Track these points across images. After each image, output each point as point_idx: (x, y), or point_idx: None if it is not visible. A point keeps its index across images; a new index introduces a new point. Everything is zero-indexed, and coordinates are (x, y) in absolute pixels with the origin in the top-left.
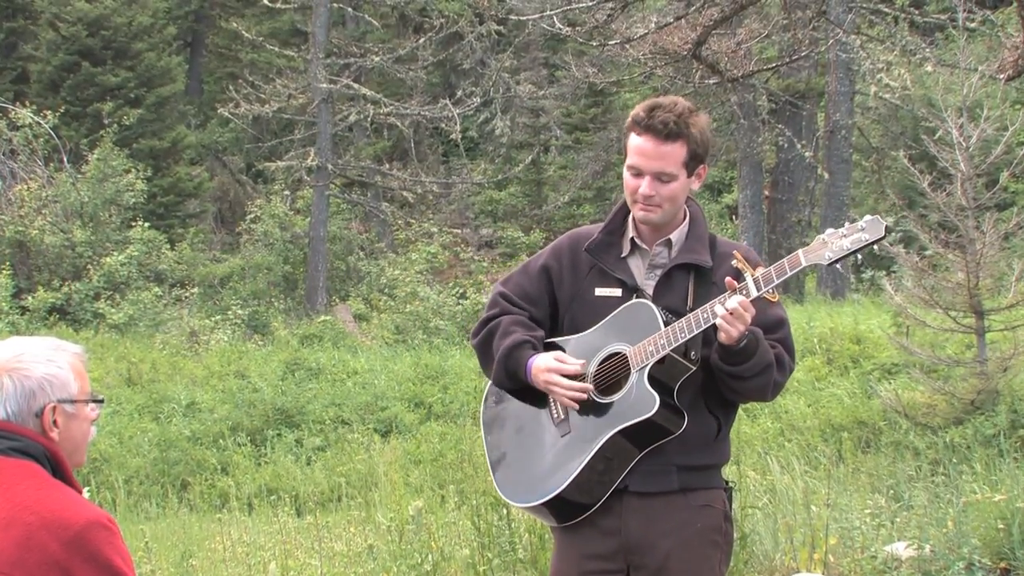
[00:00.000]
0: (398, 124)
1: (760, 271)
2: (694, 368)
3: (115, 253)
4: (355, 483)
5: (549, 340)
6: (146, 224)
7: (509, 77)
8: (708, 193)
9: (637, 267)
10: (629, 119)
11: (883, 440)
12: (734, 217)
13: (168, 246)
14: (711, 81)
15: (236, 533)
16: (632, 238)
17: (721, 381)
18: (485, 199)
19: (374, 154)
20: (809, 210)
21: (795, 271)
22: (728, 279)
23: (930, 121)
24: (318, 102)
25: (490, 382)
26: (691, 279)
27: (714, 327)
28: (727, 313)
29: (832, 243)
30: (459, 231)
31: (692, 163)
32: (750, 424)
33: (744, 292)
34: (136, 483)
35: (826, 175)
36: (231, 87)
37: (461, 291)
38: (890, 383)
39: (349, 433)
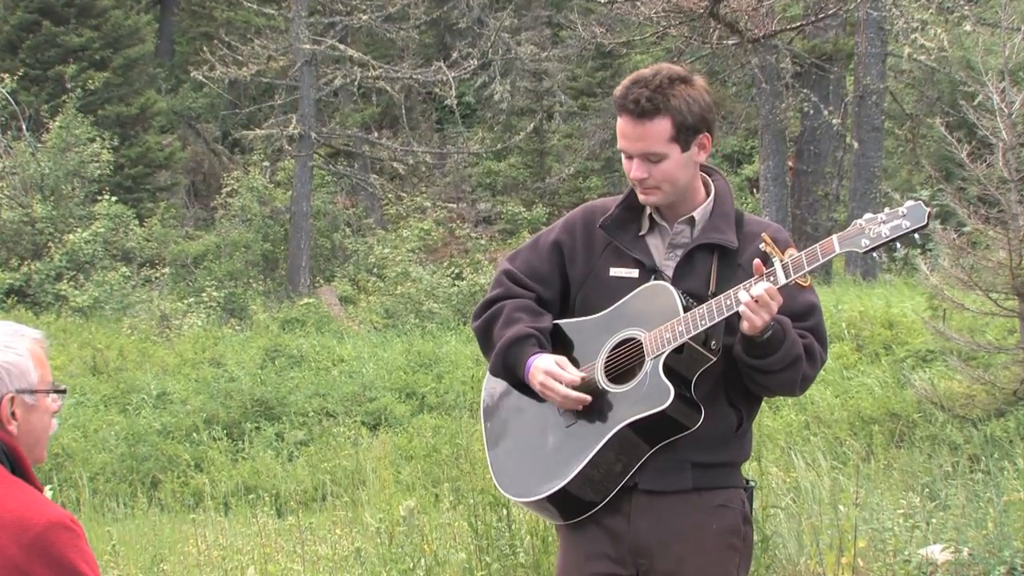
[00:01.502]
0: (388, 89)
1: (790, 255)
2: (714, 359)
3: (79, 230)
4: (341, 481)
5: (558, 321)
6: (112, 198)
7: (509, 37)
8: (727, 164)
9: (656, 246)
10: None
11: (917, 434)
12: (755, 190)
13: (136, 222)
14: (730, 42)
15: (211, 535)
16: (651, 215)
17: (745, 374)
18: (483, 171)
19: (362, 121)
20: (837, 183)
21: (828, 258)
22: (756, 262)
23: (969, 85)
24: (300, 64)
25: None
26: (714, 261)
27: (737, 315)
28: (751, 300)
29: (869, 229)
30: (455, 206)
31: (684, 136)
32: (772, 417)
33: (772, 278)
34: (102, 481)
35: (855, 144)
36: (205, 48)
37: (457, 271)
38: (925, 371)
39: (334, 426)
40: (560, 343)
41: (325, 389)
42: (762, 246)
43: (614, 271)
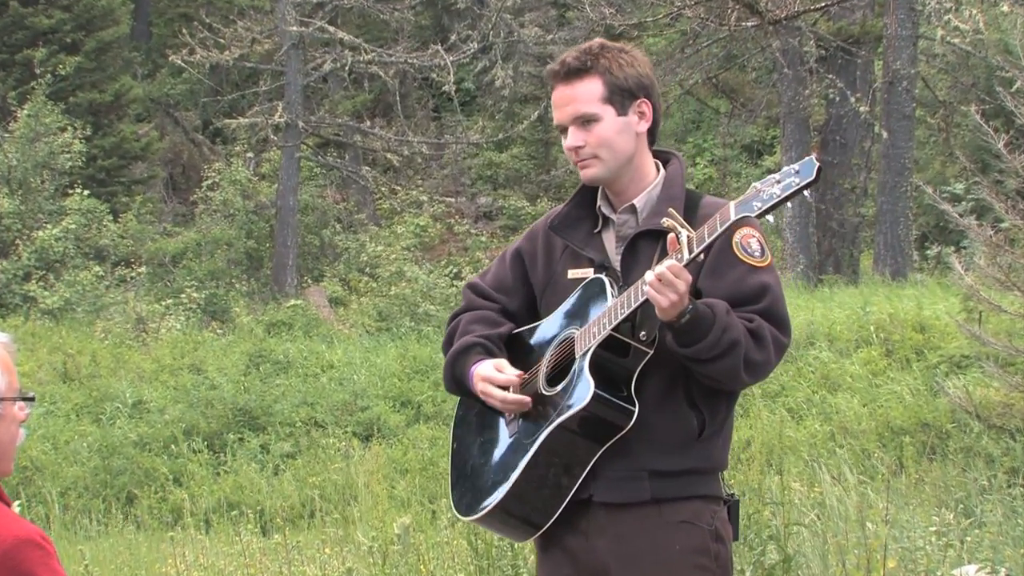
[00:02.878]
0: (381, 74)
1: (706, 232)
2: (650, 351)
3: (48, 226)
4: (331, 496)
5: (518, 330)
6: (85, 192)
7: (512, 18)
8: (746, 155)
9: (609, 241)
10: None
11: (951, 445)
12: None
13: (111, 218)
14: (749, 23)
15: (191, 555)
16: (599, 208)
17: (688, 365)
18: (483, 162)
19: (353, 109)
20: (865, 175)
21: (727, 226)
22: (670, 239)
23: (1006, 70)
24: (287, 48)
25: None
26: (659, 248)
27: None
28: (654, 280)
29: (763, 191)
30: (453, 200)
31: (618, 98)
32: (794, 427)
33: (678, 256)
34: (73, 496)
35: (884, 134)
36: (184, 30)
37: (455, 270)
38: (959, 378)
39: (324, 437)
40: (517, 351)
41: (313, 397)
42: (664, 221)
43: (571, 273)
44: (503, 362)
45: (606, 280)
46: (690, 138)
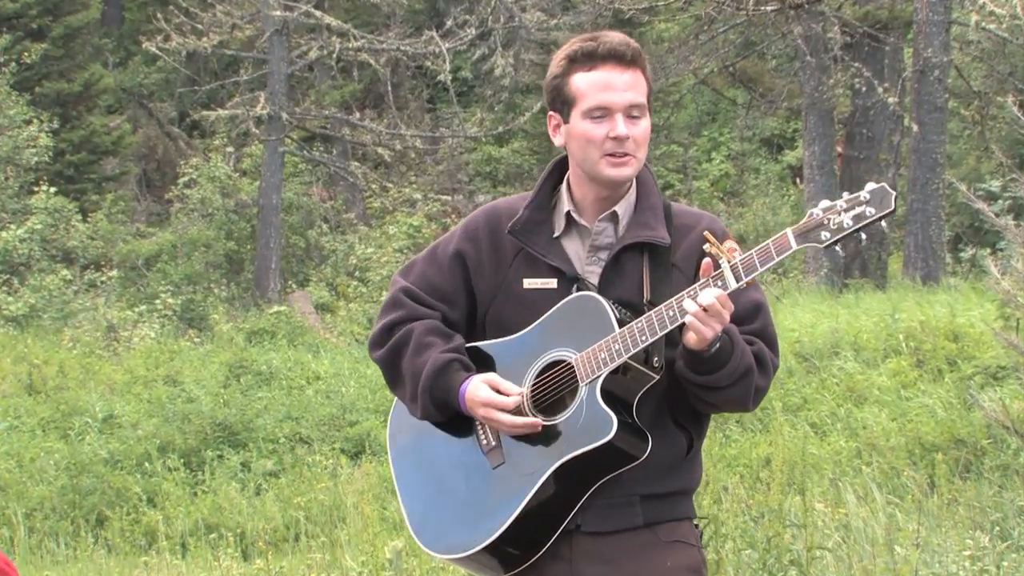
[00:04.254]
0: (371, 62)
1: (738, 255)
2: (657, 378)
3: (12, 226)
4: (317, 518)
5: (471, 344)
6: (52, 189)
7: (512, 2)
8: (765, 149)
9: (575, 250)
10: (563, 60)
11: (987, 463)
12: (798, 180)
13: (79, 217)
14: (769, 8)
15: None
16: (568, 212)
17: (689, 392)
18: (482, 157)
19: (341, 100)
20: (893, 171)
21: (784, 256)
22: (706, 263)
23: None
24: (270, 34)
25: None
26: (645, 262)
27: (681, 326)
28: (700, 310)
29: (829, 220)
30: (449, 198)
31: (649, 101)
32: (818, 443)
33: (720, 282)
34: (40, 517)
35: (914, 127)
36: (159, 15)
37: None
38: (996, 391)
39: (309, 454)
40: (479, 369)
41: (298, 411)
42: (707, 246)
43: (528, 282)
44: (495, 378)
45: (605, 301)
46: (705, 131)
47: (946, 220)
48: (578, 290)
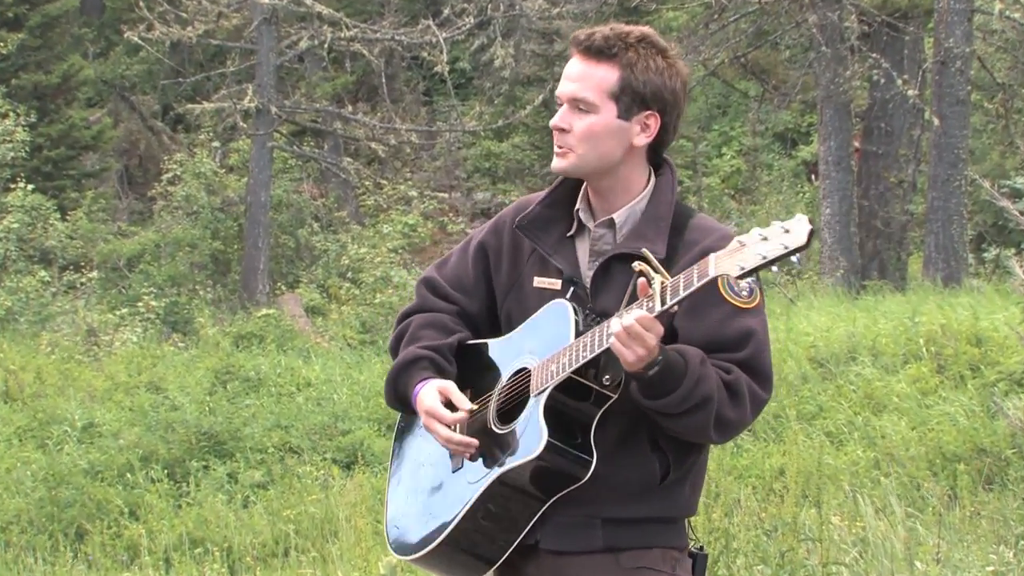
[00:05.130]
0: (365, 52)
1: (679, 279)
2: (613, 397)
3: None
4: (307, 532)
5: (473, 342)
6: (29, 186)
7: None
8: (779, 145)
9: (583, 251)
10: None
11: (1011, 474)
12: (813, 177)
13: (58, 216)
14: None
15: None
16: (577, 211)
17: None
18: (481, 153)
19: (333, 93)
20: (913, 167)
21: (704, 281)
22: (642, 283)
23: None
24: (258, 23)
25: None
26: (634, 276)
27: None
28: (621, 331)
29: (750, 247)
30: (446, 195)
31: (626, 99)
32: (834, 453)
33: (648, 305)
34: (16, 531)
35: (935, 121)
36: (141, 3)
37: None
38: (1021, 398)
39: (299, 465)
40: (473, 366)
41: (288, 420)
42: (636, 265)
43: (538, 281)
44: (449, 387)
45: (569, 308)
46: (715, 125)
47: (968, 219)
48: (573, 293)
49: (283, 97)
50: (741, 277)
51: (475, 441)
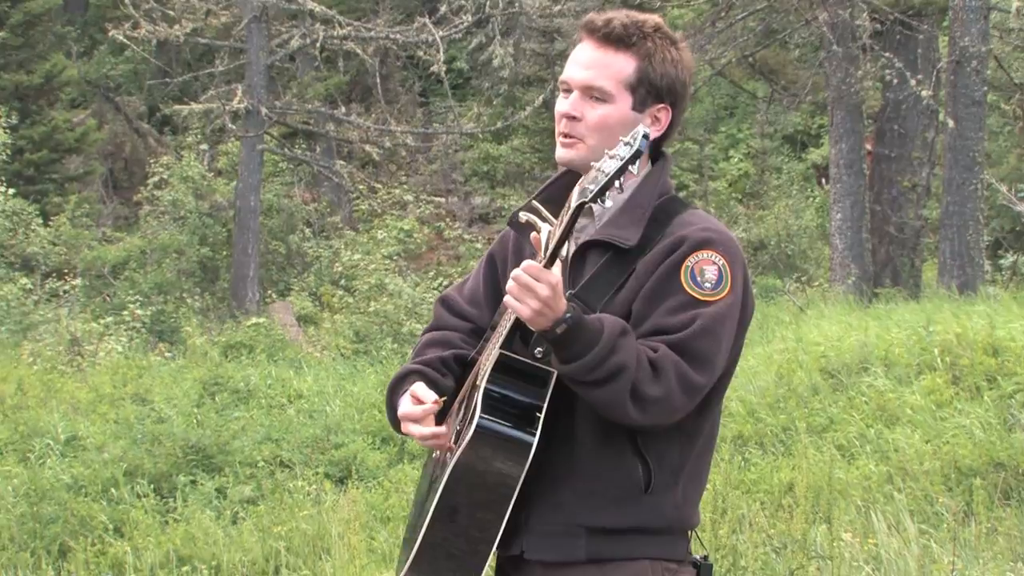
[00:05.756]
0: (358, 51)
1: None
2: (552, 370)
3: None
4: (299, 549)
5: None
6: (10, 191)
7: None
8: (788, 147)
9: (570, 247)
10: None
11: None
12: (823, 181)
13: (40, 221)
14: None
15: None
16: (568, 204)
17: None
18: (479, 156)
19: (325, 93)
20: (928, 171)
21: (569, 216)
22: (534, 236)
23: None
24: (247, 21)
25: None
26: (602, 262)
27: None
28: (512, 285)
29: (602, 168)
30: (443, 200)
31: (643, 90)
32: (845, 467)
33: (539, 257)
34: None
35: (950, 122)
36: (127, 1)
37: (445, 282)
38: None
39: (291, 480)
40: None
41: (279, 433)
42: (521, 215)
43: None
44: (416, 387)
45: None
46: (722, 127)
47: (985, 224)
48: None
49: (274, 98)
50: (594, 199)
51: (443, 430)
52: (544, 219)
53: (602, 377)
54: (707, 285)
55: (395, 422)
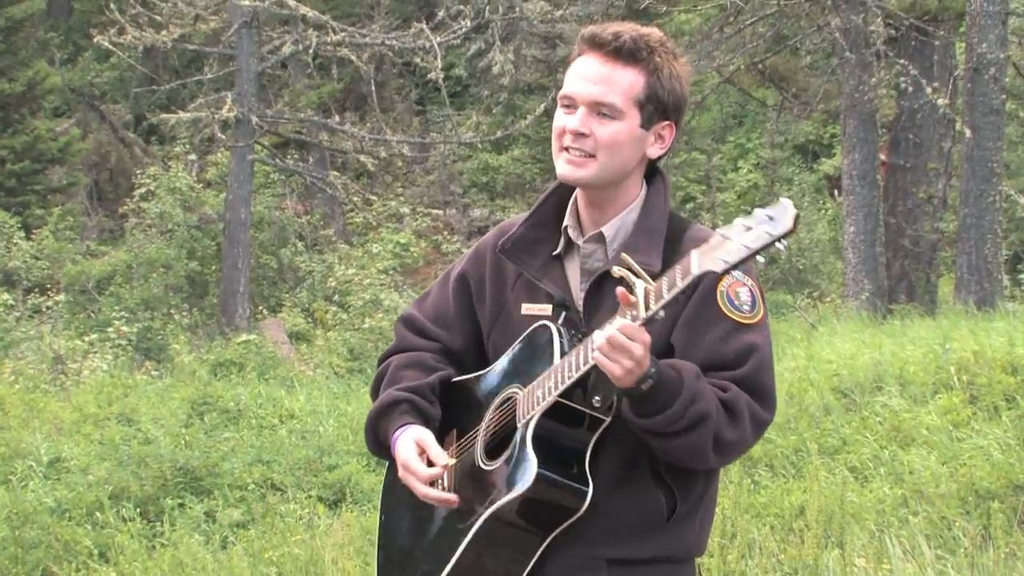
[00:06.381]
0: (353, 58)
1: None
2: (606, 420)
3: None
4: (291, 575)
5: (458, 379)
6: None
7: None
8: (798, 157)
9: (574, 272)
10: (575, 45)
11: None
12: (836, 193)
13: (22, 234)
14: None
15: None
16: (566, 227)
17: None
18: (478, 166)
19: (318, 101)
20: (944, 182)
21: (688, 282)
22: (620, 291)
23: None
24: (237, 27)
25: None
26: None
27: None
28: (604, 343)
29: (733, 239)
30: (441, 212)
31: (651, 107)
32: (858, 490)
33: (632, 313)
34: None
35: (967, 132)
36: (112, 6)
37: None
38: None
39: (282, 503)
40: (459, 404)
41: (270, 454)
42: (616, 270)
43: (526, 308)
44: (426, 439)
45: (554, 329)
46: (731, 136)
47: (1003, 237)
48: (566, 318)
49: (265, 106)
50: (727, 271)
51: (454, 498)
52: (636, 273)
53: (684, 427)
54: (745, 308)
55: (377, 450)
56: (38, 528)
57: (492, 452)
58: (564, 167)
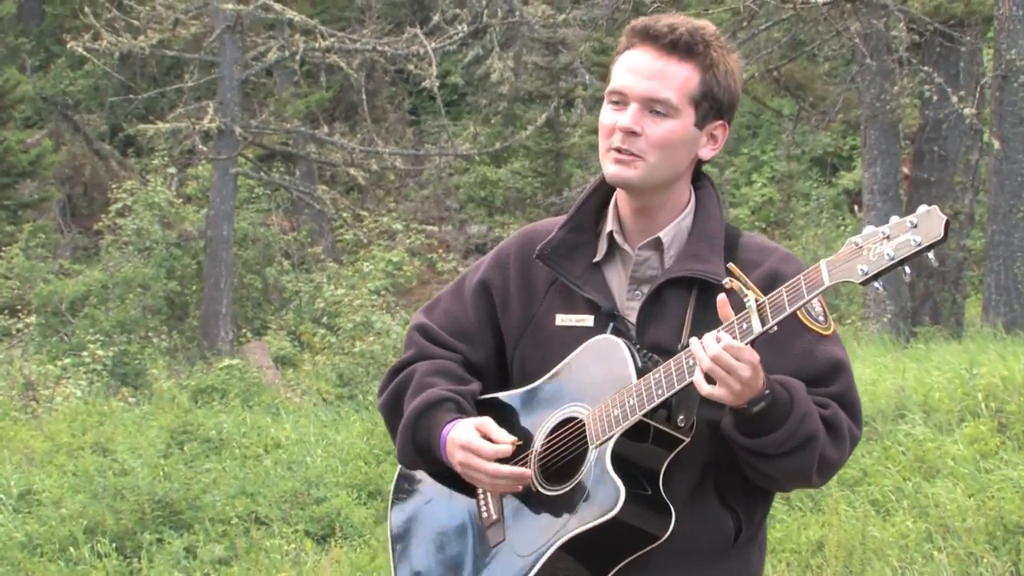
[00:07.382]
0: (342, 65)
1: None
2: (686, 440)
3: None
4: None
5: (485, 396)
6: None
7: None
8: (817, 170)
9: (618, 280)
10: (622, 37)
11: None
12: (856, 207)
13: None
14: (821, 0)
15: None
16: (611, 233)
17: (740, 458)
18: (476, 180)
19: (306, 111)
20: (971, 197)
21: (816, 293)
22: (722, 304)
23: None
24: (220, 32)
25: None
26: (692, 301)
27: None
28: (713, 366)
29: (870, 249)
30: (436, 228)
31: (706, 105)
32: (880, 524)
33: (744, 327)
34: None
35: (996, 143)
36: (87, 9)
37: None
38: None
39: (267, 538)
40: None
41: (254, 486)
42: (726, 281)
43: (561, 319)
44: (487, 422)
45: (623, 345)
46: (744, 148)
47: None
48: (613, 329)
49: (249, 116)
50: (867, 282)
51: (528, 471)
52: (745, 284)
53: (792, 448)
54: (820, 318)
55: (414, 453)
56: (7, 564)
57: (553, 477)
58: (612, 167)
